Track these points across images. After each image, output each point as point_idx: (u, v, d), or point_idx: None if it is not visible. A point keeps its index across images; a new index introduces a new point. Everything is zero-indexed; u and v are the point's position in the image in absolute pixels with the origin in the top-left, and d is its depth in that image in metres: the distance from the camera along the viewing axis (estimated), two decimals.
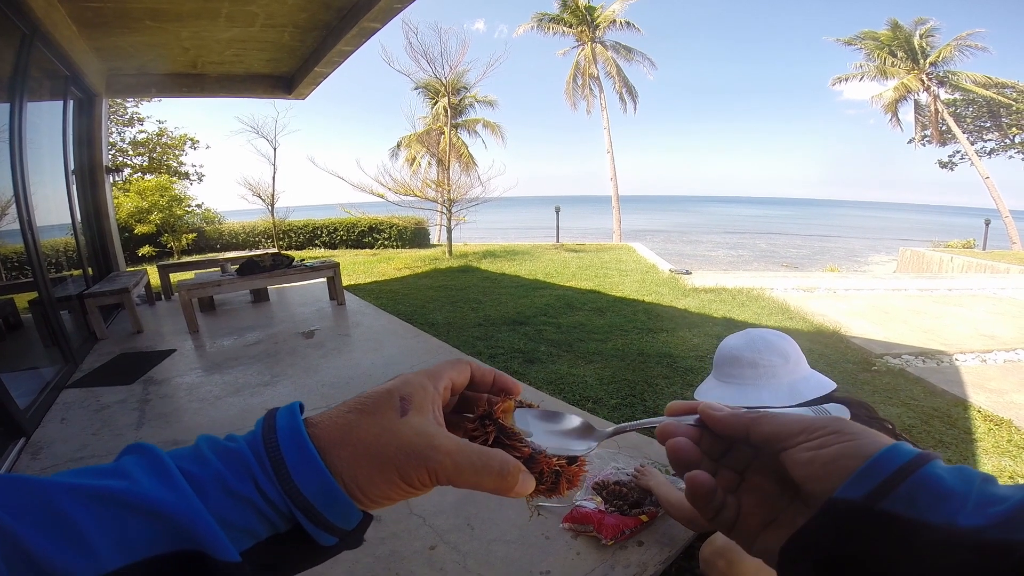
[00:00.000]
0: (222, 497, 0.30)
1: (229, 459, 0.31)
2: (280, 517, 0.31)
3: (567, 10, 23.70)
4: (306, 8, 5.15)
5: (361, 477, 0.32)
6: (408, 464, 0.32)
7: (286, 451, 0.31)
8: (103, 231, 7.11)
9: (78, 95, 6.29)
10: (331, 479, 0.31)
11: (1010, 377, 3.86)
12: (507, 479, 0.34)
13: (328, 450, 0.32)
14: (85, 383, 3.98)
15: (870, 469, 0.29)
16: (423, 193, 12.42)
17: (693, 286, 7.12)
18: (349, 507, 0.32)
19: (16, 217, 3.93)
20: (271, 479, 0.31)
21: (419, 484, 0.33)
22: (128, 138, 19.28)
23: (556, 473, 0.38)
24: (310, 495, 0.30)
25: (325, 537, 0.31)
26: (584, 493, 2.13)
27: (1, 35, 3.98)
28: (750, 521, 0.35)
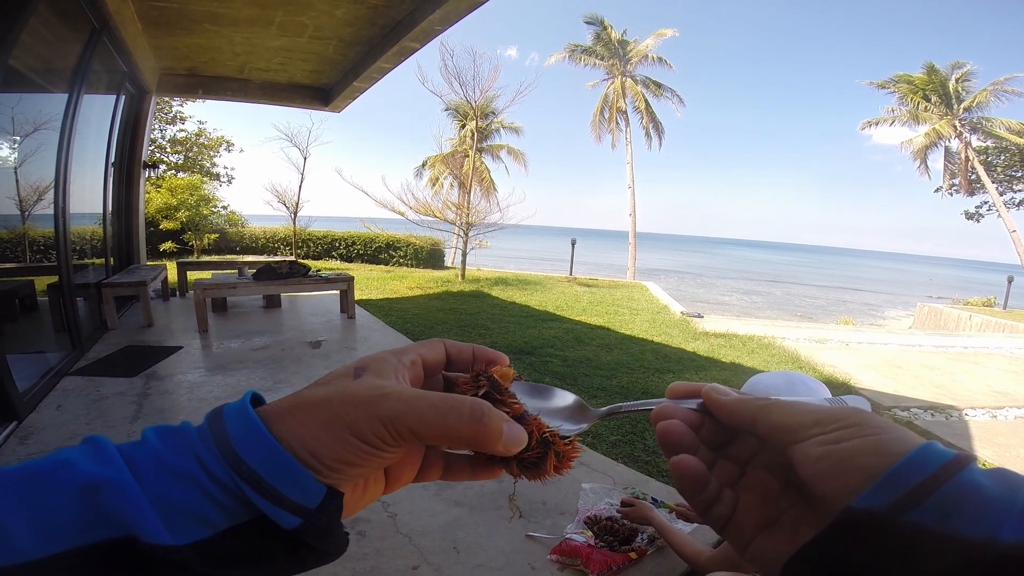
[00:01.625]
0: (161, 476, 0.27)
1: (171, 438, 0.28)
2: (231, 497, 0.27)
3: (600, 42, 24.19)
4: (352, 23, 5.37)
5: (310, 439, 0.28)
6: (358, 417, 0.28)
7: (230, 424, 0.28)
8: (131, 224, 7.30)
9: (131, 91, 6.56)
10: (275, 443, 0.27)
11: (1019, 432, 3.80)
12: (485, 423, 0.30)
13: (274, 419, 0.29)
14: (88, 371, 4.03)
15: (898, 473, 0.24)
16: (442, 214, 12.60)
17: (704, 330, 7.06)
18: (302, 475, 0.27)
19: (52, 202, 4.08)
20: (213, 452, 0.27)
21: (376, 440, 0.28)
22: (168, 136, 19.95)
23: (545, 442, 0.34)
24: (255, 463, 0.27)
25: (284, 517, 0.27)
26: (575, 526, 2.09)
27: (73, 27, 4.21)
28: (747, 520, 0.32)
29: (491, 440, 0.30)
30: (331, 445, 0.28)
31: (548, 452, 0.33)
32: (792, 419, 0.30)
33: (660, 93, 24.51)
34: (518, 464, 0.33)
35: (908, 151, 23.18)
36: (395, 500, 2.35)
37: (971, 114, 21.09)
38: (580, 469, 2.71)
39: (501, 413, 0.31)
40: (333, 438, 0.28)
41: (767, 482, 0.32)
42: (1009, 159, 21.74)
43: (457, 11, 4.54)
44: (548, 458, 0.33)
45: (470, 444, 0.30)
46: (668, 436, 0.34)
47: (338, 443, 0.28)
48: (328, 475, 0.28)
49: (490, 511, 2.33)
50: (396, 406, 0.29)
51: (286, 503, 0.27)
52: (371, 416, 0.28)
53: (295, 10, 5.03)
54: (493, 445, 0.30)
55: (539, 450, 0.33)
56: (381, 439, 0.29)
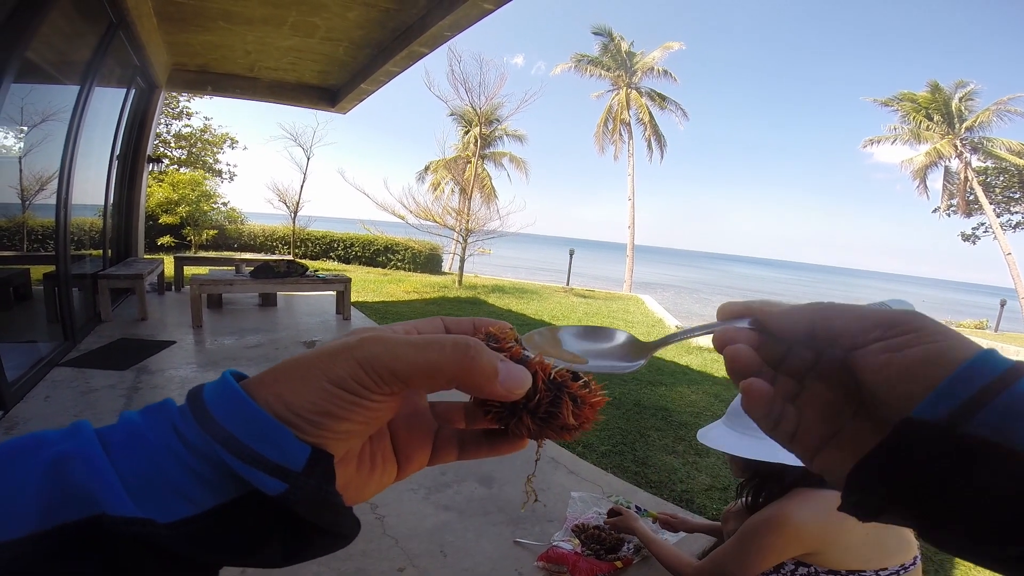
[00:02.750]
0: (135, 448, 0.25)
1: (150, 414, 0.27)
2: (212, 468, 0.24)
3: (607, 54, 24.32)
4: (364, 26, 5.44)
5: (287, 393, 0.26)
6: (334, 361, 0.27)
7: (207, 392, 0.27)
8: (131, 217, 7.31)
9: (141, 85, 6.60)
10: (247, 398, 0.25)
11: None
12: (471, 355, 0.27)
13: (254, 384, 0.27)
14: (79, 363, 4.01)
15: (955, 382, 0.24)
16: (442, 220, 12.64)
17: (698, 345, 7.08)
18: (278, 431, 0.25)
19: (54, 192, 4.09)
20: (189, 420, 0.25)
21: (356, 386, 0.26)
22: (173, 130, 20.00)
23: (556, 385, 0.30)
24: (227, 422, 0.25)
25: (266, 480, 0.24)
26: (563, 534, 2.09)
27: (91, 21, 4.25)
28: (810, 435, 0.31)
29: (482, 376, 0.27)
30: (307, 395, 0.26)
31: (562, 396, 0.30)
32: (854, 323, 0.28)
33: (664, 106, 24.62)
34: (531, 417, 0.30)
35: (908, 170, 23.25)
36: (383, 502, 2.35)
37: (972, 134, 21.07)
38: (569, 478, 2.72)
39: (492, 352, 0.28)
40: (310, 387, 0.26)
41: (826, 395, 0.31)
42: (1008, 180, 21.77)
43: (467, 17, 4.60)
44: (563, 403, 0.30)
45: (459, 382, 0.28)
46: (737, 361, 0.32)
47: (315, 392, 0.26)
48: (310, 432, 0.26)
49: (478, 516, 2.33)
50: (374, 347, 0.27)
51: (264, 464, 0.24)
52: (348, 359, 0.27)
53: (308, 11, 5.09)
54: (488, 384, 0.28)
55: (549, 395, 0.30)
56: (361, 383, 0.26)
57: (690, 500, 2.86)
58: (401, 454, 0.34)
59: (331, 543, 0.28)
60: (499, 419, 0.31)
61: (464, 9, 4.38)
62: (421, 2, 4.76)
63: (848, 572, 1.21)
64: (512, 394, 0.28)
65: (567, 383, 0.30)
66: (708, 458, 3.38)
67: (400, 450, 0.34)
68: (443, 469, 2.67)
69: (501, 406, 0.30)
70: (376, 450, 0.33)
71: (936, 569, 2.43)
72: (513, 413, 0.30)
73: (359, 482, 0.31)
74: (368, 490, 0.32)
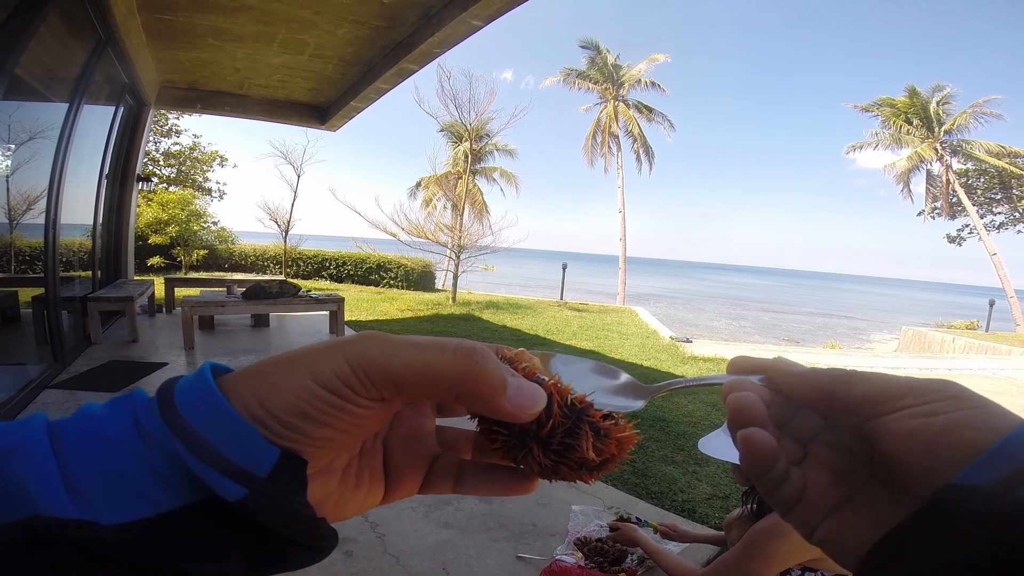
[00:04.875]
0: (86, 440, 0.22)
1: (113, 404, 0.24)
2: (172, 466, 0.22)
3: (594, 67, 24.68)
4: (353, 43, 5.48)
5: (264, 388, 0.23)
6: (321, 357, 0.24)
7: (179, 385, 0.24)
8: (120, 238, 7.26)
9: (130, 102, 6.60)
10: (216, 391, 0.22)
11: None
12: (477, 360, 0.24)
13: (234, 378, 0.24)
14: (69, 385, 3.96)
15: (1006, 447, 0.22)
16: (435, 236, 12.66)
17: (692, 354, 7.11)
18: (244, 430, 0.22)
19: (42, 212, 4.05)
20: (154, 412, 0.23)
21: (340, 386, 0.23)
22: (162, 148, 19.98)
23: (575, 413, 0.26)
24: (194, 419, 0.22)
25: (225, 484, 0.21)
26: (565, 548, 2.07)
27: (79, 37, 4.25)
28: (816, 501, 0.29)
29: (488, 386, 0.24)
30: (286, 392, 0.23)
31: (582, 426, 0.26)
32: (880, 390, 0.27)
33: (652, 118, 24.98)
34: (544, 450, 0.26)
35: (891, 175, 23.64)
36: (383, 520, 2.32)
37: (951, 137, 21.48)
38: (570, 491, 2.70)
39: (502, 363, 0.25)
40: (290, 383, 0.23)
41: (835, 461, 0.29)
42: (988, 181, 22.17)
43: (456, 35, 4.66)
44: (583, 434, 0.26)
45: (462, 391, 0.24)
46: (742, 409, 0.30)
47: (295, 390, 0.23)
48: (283, 435, 0.23)
49: (480, 532, 2.30)
50: (369, 344, 0.24)
51: (225, 465, 0.21)
52: (336, 356, 0.23)
53: (298, 28, 5.13)
54: (495, 396, 0.24)
55: (566, 422, 0.26)
56: (347, 383, 0.23)
57: (692, 510, 2.84)
58: (392, 475, 0.31)
59: (305, 556, 0.24)
60: (506, 449, 0.27)
61: (453, 26, 4.44)
62: (410, 19, 4.82)
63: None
64: (522, 413, 0.25)
65: (588, 411, 0.27)
66: (708, 467, 3.37)
67: (391, 471, 0.31)
68: None
69: (509, 433, 0.26)
70: (364, 466, 0.29)
71: None
72: (523, 443, 0.26)
73: (339, 498, 0.28)
74: (348, 509, 0.29)
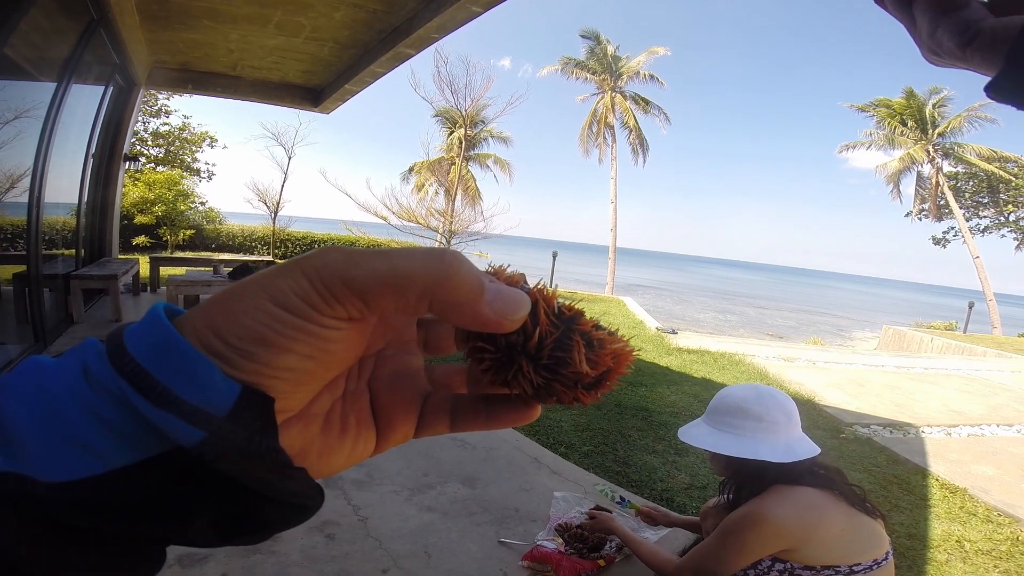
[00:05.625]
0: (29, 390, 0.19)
1: (64, 354, 0.21)
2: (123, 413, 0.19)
3: (593, 57, 24.49)
4: (350, 26, 5.40)
5: (218, 316, 0.20)
6: (278, 276, 0.21)
7: (130, 326, 0.21)
8: (105, 217, 7.14)
9: (120, 83, 6.45)
10: (168, 326, 0.20)
11: (971, 449, 4.03)
12: (448, 261, 0.21)
13: (189, 314, 0.21)
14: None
15: None
16: (426, 221, 12.61)
17: (677, 346, 7.19)
18: (200, 364, 0.19)
19: (27, 190, 3.98)
20: (101, 356, 0.20)
21: (299, 303, 0.20)
22: (151, 128, 19.58)
23: (564, 320, 0.24)
24: (145, 358, 0.19)
25: (180, 427, 0.18)
26: (546, 533, 2.12)
27: (71, 18, 4.15)
28: None
29: (463, 290, 0.21)
30: (241, 316, 0.20)
31: (572, 336, 0.23)
32: None
33: (648, 110, 24.92)
34: (534, 366, 0.23)
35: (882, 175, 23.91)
36: (366, 504, 2.35)
37: (944, 139, 21.76)
38: (552, 478, 2.75)
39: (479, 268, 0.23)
40: (245, 307, 0.20)
41: None
42: (977, 185, 22.52)
43: (455, 20, 4.61)
44: (575, 345, 0.23)
45: (435, 299, 0.21)
46: None
47: (250, 312, 0.20)
48: (242, 366, 0.20)
49: (463, 517, 2.34)
50: (328, 256, 0.21)
51: (179, 406, 0.18)
52: (293, 271, 0.20)
53: (294, 10, 5.04)
54: (472, 303, 0.21)
55: (555, 332, 0.23)
56: (306, 299, 0.20)
57: (670, 499, 2.91)
58: (381, 419, 0.28)
59: (284, 515, 0.21)
60: (495, 371, 0.24)
61: (452, 12, 4.39)
62: (409, 4, 4.75)
63: (823, 568, 1.25)
64: (504, 320, 0.22)
65: (578, 319, 0.24)
66: (687, 457, 3.44)
67: (380, 414, 0.28)
68: (426, 469, 2.68)
69: (495, 350, 0.24)
70: (349, 410, 0.27)
71: (909, 565, 2.51)
72: (511, 360, 0.23)
73: (324, 447, 0.25)
74: (337, 459, 0.26)
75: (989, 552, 2.66)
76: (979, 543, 2.72)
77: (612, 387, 0.25)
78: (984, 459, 3.83)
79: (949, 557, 2.60)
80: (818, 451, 1.34)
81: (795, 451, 1.31)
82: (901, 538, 2.70)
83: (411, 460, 2.75)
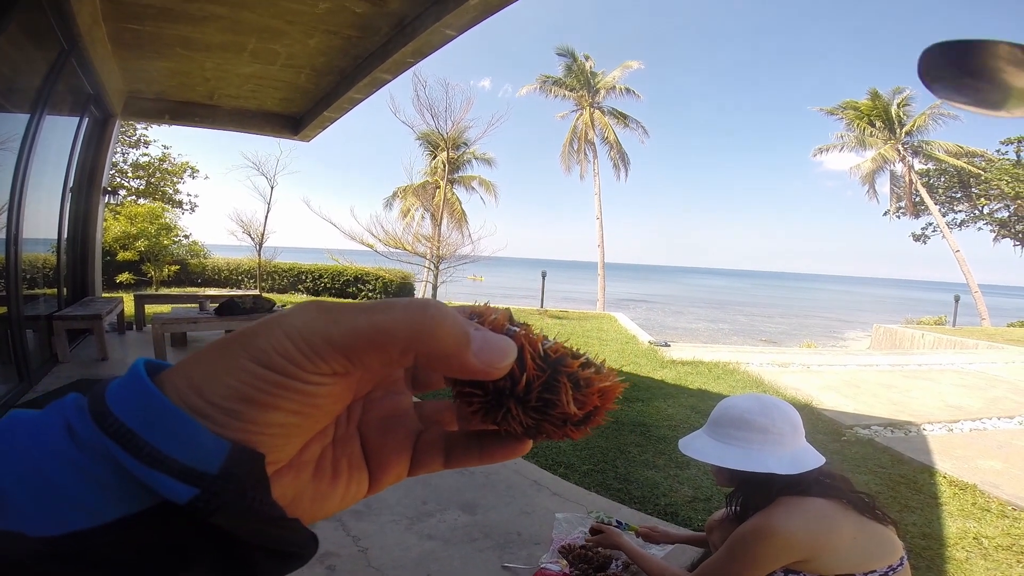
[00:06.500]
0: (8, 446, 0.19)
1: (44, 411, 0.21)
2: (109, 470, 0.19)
3: (571, 74, 24.92)
4: (325, 52, 5.42)
5: (198, 375, 0.20)
6: (257, 334, 0.21)
7: (112, 385, 0.21)
8: (86, 253, 7.01)
9: (95, 114, 6.39)
10: (151, 386, 0.20)
11: (975, 444, 4.01)
12: (431, 314, 0.21)
13: (168, 372, 0.22)
14: (36, 404, 3.82)
15: None
16: (413, 247, 12.59)
17: (671, 358, 7.18)
18: (186, 425, 0.19)
19: (3, 227, 3.90)
20: (83, 414, 0.20)
21: (281, 362, 0.20)
22: (130, 160, 19.46)
23: (551, 364, 0.24)
24: (128, 417, 0.19)
25: (171, 485, 0.18)
26: (550, 556, 2.07)
27: (41, 47, 4.10)
28: None
29: (447, 341, 0.21)
30: (223, 375, 0.20)
31: (560, 378, 0.23)
32: None
33: (627, 124, 25.34)
34: (523, 408, 0.24)
35: (857, 176, 24.50)
36: (366, 534, 2.28)
37: (912, 138, 22.36)
38: (553, 500, 2.70)
39: (463, 317, 0.23)
40: (226, 366, 0.20)
41: None
42: (948, 181, 23.08)
43: (430, 44, 4.66)
44: (562, 387, 0.23)
45: (419, 351, 0.21)
46: None
47: (232, 372, 0.20)
48: (229, 425, 0.20)
49: (464, 543, 2.28)
50: (307, 314, 0.21)
51: (169, 465, 0.18)
52: (274, 330, 0.21)
53: (268, 37, 5.05)
54: (458, 353, 0.21)
55: (542, 376, 0.23)
56: (288, 357, 0.20)
57: (674, 513, 2.87)
58: (373, 461, 0.28)
59: (279, 565, 0.22)
60: (485, 412, 0.25)
61: (426, 36, 4.44)
62: (383, 29, 4.80)
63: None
64: (491, 369, 0.22)
65: (565, 360, 0.24)
66: (689, 470, 3.40)
67: (372, 457, 0.28)
68: (424, 498, 2.62)
69: (484, 394, 0.24)
70: (340, 455, 0.27)
71: (928, 566, 2.48)
72: (500, 403, 0.24)
73: (316, 493, 0.25)
74: (330, 504, 0.26)
75: (1010, 548, 2.63)
76: (997, 539, 2.69)
77: (601, 422, 0.26)
78: (990, 453, 3.81)
79: (968, 555, 2.56)
80: (824, 461, 1.33)
81: (802, 462, 1.30)
82: (916, 538, 2.67)
83: (409, 488, 2.69)
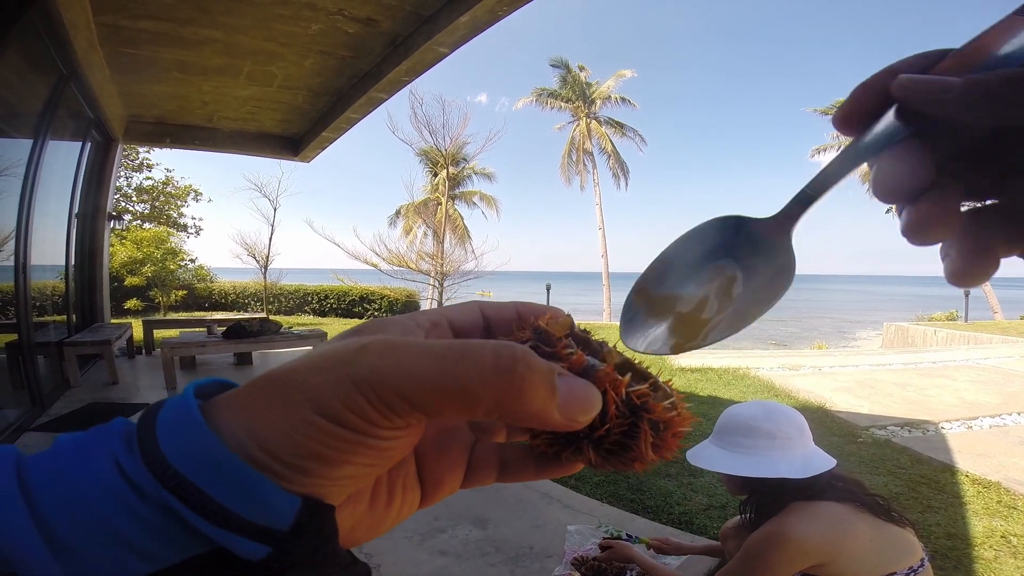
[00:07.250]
0: (64, 484, 0.18)
1: (89, 439, 0.20)
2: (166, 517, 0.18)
3: (566, 86, 25.13)
4: (321, 73, 5.49)
5: (260, 425, 0.19)
6: (323, 383, 0.19)
7: (162, 416, 0.19)
8: (94, 279, 7.07)
9: (97, 139, 6.47)
10: (209, 432, 0.18)
11: (997, 441, 3.92)
12: (519, 371, 0.19)
13: (220, 406, 0.20)
14: (49, 428, 3.90)
15: None
16: (416, 265, 12.63)
17: (680, 365, 7.13)
18: (254, 481, 0.18)
19: (12, 255, 3.95)
20: (135, 454, 0.19)
21: (352, 418, 0.19)
22: (134, 184, 19.69)
23: (633, 408, 0.22)
24: (184, 465, 0.18)
25: (240, 543, 0.18)
26: (563, 568, 2.04)
27: (40, 72, 4.18)
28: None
29: (535, 402, 0.19)
30: (287, 429, 0.19)
31: (640, 424, 0.22)
32: None
33: (623, 132, 25.47)
34: (595, 448, 0.23)
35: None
36: (377, 551, 2.26)
37: None
38: (564, 512, 2.67)
39: (548, 362, 0.20)
40: (291, 420, 0.19)
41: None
42: None
43: (423, 62, 4.73)
44: (642, 434, 0.22)
45: (501, 411, 0.19)
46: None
47: (298, 427, 0.19)
48: (298, 480, 0.19)
49: (476, 558, 2.25)
50: (377, 361, 0.19)
51: (241, 525, 0.18)
52: (340, 380, 0.19)
53: (264, 60, 5.12)
54: (543, 413, 0.20)
55: (623, 422, 0.22)
56: (361, 415, 0.19)
57: (689, 522, 2.83)
58: (428, 479, 0.27)
59: None
60: (551, 445, 0.24)
61: (419, 54, 4.50)
62: (377, 49, 4.87)
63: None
64: (574, 423, 0.20)
65: (648, 404, 0.22)
66: (702, 478, 3.36)
67: (427, 475, 0.27)
68: (435, 513, 2.59)
69: (556, 435, 0.23)
70: (396, 478, 0.25)
71: (955, 566, 2.43)
72: (571, 442, 0.23)
73: (372, 520, 0.25)
74: (383, 526, 0.25)
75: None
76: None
77: (669, 458, 0.25)
78: (1012, 450, 3.72)
79: (997, 554, 2.50)
80: (834, 463, 1.31)
81: (812, 465, 1.29)
82: (941, 539, 2.61)
83: None
